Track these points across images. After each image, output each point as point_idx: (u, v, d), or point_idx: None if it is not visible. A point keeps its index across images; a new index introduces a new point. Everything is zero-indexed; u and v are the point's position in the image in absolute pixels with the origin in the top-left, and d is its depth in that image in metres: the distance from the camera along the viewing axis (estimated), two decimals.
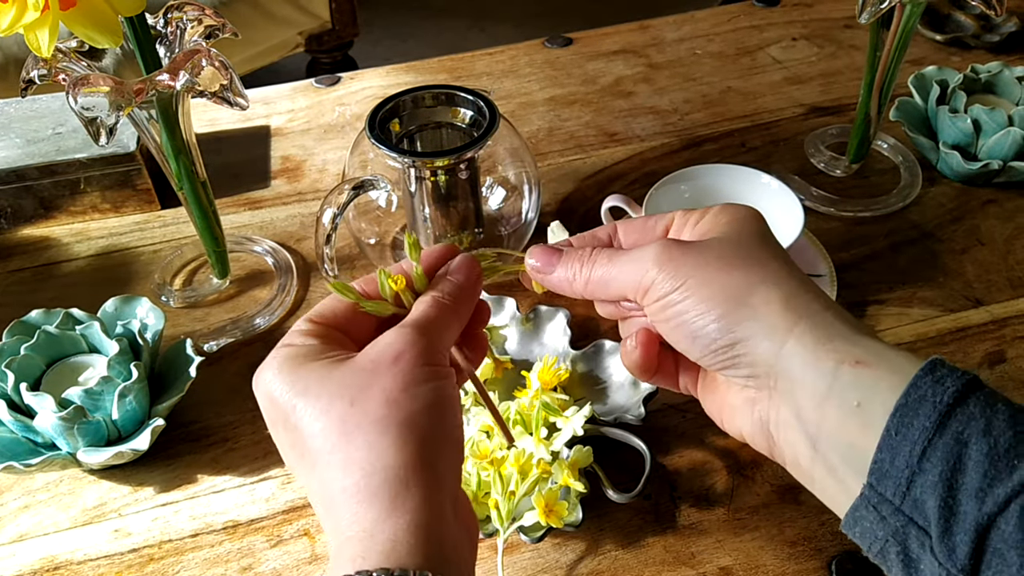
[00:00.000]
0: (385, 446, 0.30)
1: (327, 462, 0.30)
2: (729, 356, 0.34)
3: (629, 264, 0.36)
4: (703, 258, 0.35)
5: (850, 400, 0.31)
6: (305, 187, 0.76)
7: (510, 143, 0.64)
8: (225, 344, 0.62)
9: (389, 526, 0.29)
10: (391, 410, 0.30)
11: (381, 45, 2.33)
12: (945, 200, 0.72)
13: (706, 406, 0.39)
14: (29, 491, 0.54)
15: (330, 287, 0.35)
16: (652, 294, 0.35)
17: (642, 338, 0.39)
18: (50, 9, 0.43)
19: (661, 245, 0.36)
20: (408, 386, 0.31)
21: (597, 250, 0.38)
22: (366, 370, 0.31)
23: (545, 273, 0.39)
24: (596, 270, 0.37)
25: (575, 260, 0.38)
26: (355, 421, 0.30)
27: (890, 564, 0.31)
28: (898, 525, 0.30)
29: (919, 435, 0.29)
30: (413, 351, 0.32)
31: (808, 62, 0.89)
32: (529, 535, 0.47)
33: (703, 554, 0.49)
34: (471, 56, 0.92)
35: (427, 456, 0.30)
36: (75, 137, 0.71)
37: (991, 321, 0.62)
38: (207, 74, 0.49)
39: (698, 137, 0.80)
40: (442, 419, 0.31)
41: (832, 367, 0.32)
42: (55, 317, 0.56)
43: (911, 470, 0.29)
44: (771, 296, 0.33)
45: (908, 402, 0.30)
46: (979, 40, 0.89)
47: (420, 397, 0.31)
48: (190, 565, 0.50)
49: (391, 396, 0.30)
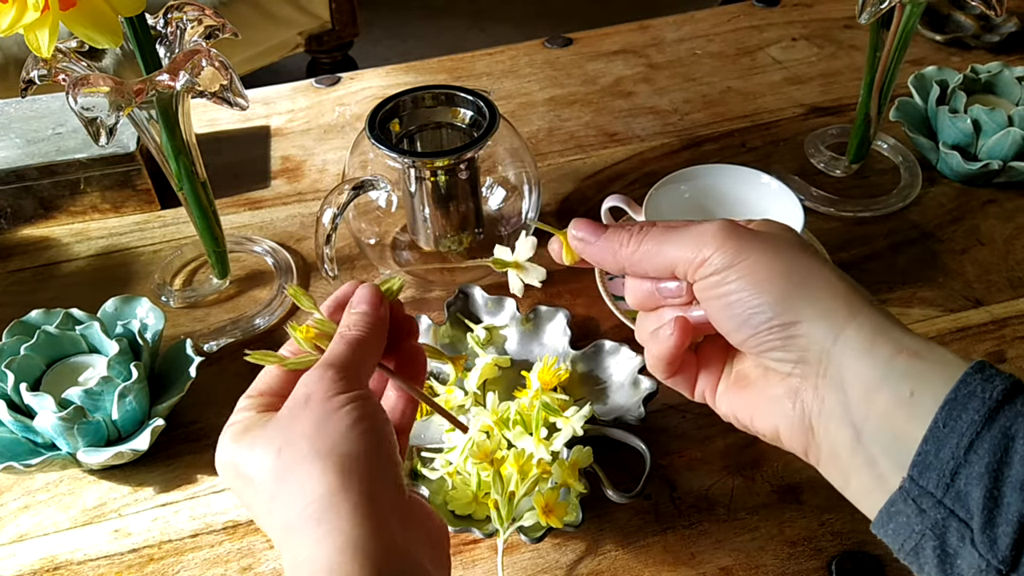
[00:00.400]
0: (313, 479, 0.32)
1: (271, 507, 0.33)
2: (782, 337, 0.34)
3: (686, 236, 0.36)
4: (763, 240, 0.35)
5: (903, 390, 0.31)
6: (305, 187, 0.76)
7: (510, 143, 0.64)
8: (225, 344, 0.62)
9: (323, 551, 0.31)
10: (311, 444, 0.33)
11: (381, 45, 2.34)
12: (945, 200, 0.72)
13: (730, 408, 0.38)
14: (29, 491, 0.54)
15: (250, 359, 0.38)
16: (707, 268, 0.35)
17: (680, 324, 0.37)
18: (50, 9, 0.43)
19: (721, 222, 0.35)
20: (321, 421, 0.33)
21: (648, 224, 0.37)
22: (284, 418, 0.34)
23: (588, 242, 0.38)
24: (647, 241, 0.37)
25: (623, 231, 0.38)
26: (284, 466, 0.33)
27: (924, 561, 0.31)
28: (938, 518, 0.30)
29: (967, 428, 0.30)
30: (320, 387, 0.34)
31: (808, 62, 0.89)
32: (529, 535, 0.47)
33: (703, 554, 0.49)
34: (471, 56, 0.92)
35: (354, 477, 0.32)
36: (75, 137, 0.71)
37: (991, 321, 0.62)
38: (207, 74, 0.49)
39: (698, 137, 0.80)
40: (364, 437, 0.33)
41: (888, 356, 0.32)
42: (55, 317, 0.56)
43: (956, 462, 0.30)
44: (834, 283, 0.34)
45: (957, 396, 0.30)
46: (979, 40, 0.89)
47: (335, 425, 0.33)
48: (190, 565, 0.50)
49: (308, 433, 0.33)
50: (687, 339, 0.38)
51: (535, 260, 0.43)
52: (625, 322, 0.61)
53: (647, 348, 0.39)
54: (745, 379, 0.38)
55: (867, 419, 0.32)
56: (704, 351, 0.40)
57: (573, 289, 0.65)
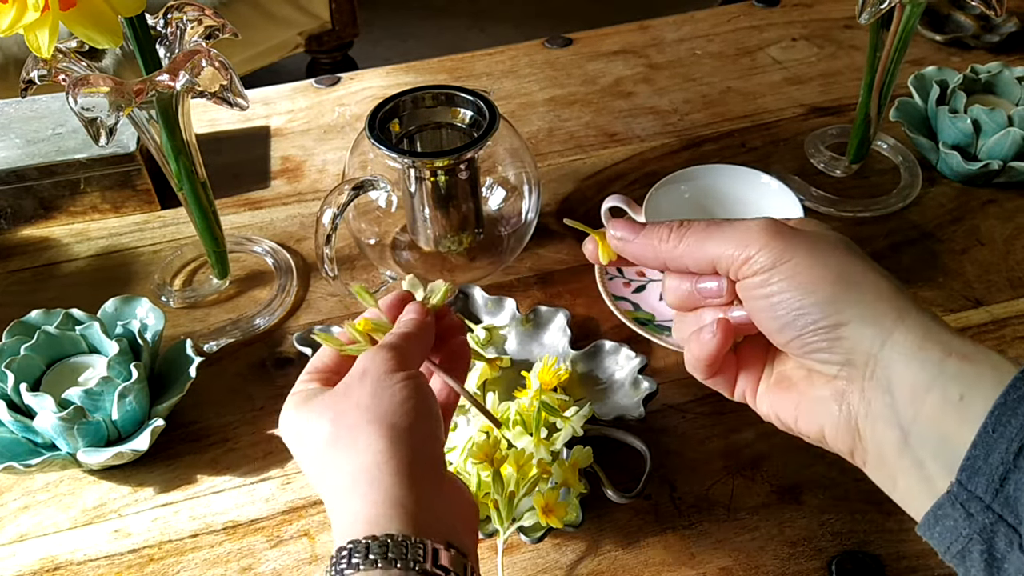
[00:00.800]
0: (364, 444, 0.36)
1: (324, 469, 0.37)
2: (829, 338, 0.33)
3: (730, 232, 0.35)
4: (808, 240, 0.35)
5: (953, 393, 0.31)
6: (305, 187, 0.76)
7: (510, 143, 0.64)
8: (225, 344, 0.62)
9: (369, 506, 0.34)
10: (365, 413, 0.36)
11: (381, 45, 2.33)
12: (945, 200, 0.72)
13: (772, 408, 0.38)
14: (29, 491, 0.54)
15: (316, 337, 0.43)
16: (752, 266, 0.34)
17: (722, 326, 0.37)
18: (50, 9, 0.43)
19: (766, 220, 0.35)
20: (375, 392, 0.37)
21: (690, 220, 0.37)
22: (341, 390, 0.38)
23: (628, 240, 0.38)
24: (689, 236, 0.36)
25: (662, 227, 0.37)
26: (338, 431, 0.37)
27: (971, 564, 0.31)
28: (986, 522, 0.30)
29: (1017, 433, 0.30)
30: (376, 364, 0.38)
31: (808, 62, 0.89)
32: (529, 535, 0.47)
33: (703, 554, 0.49)
34: (471, 56, 0.92)
35: (400, 446, 0.36)
36: (75, 137, 0.71)
37: (991, 321, 0.62)
38: (207, 74, 0.49)
39: (698, 137, 0.80)
40: (413, 413, 0.37)
41: (938, 359, 0.32)
42: (55, 317, 0.56)
43: (1006, 467, 0.30)
44: (880, 286, 0.33)
45: (1007, 401, 0.30)
46: (979, 40, 0.89)
47: (388, 398, 0.37)
48: (190, 565, 0.50)
49: (363, 403, 0.37)
50: (729, 341, 0.38)
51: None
52: (625, 322, 0.61)
53: (687, 349, 0.39)
54: (787, 380, 0.37)
55: (915, 421, 0.32)
56: (744, 351, 0.39)
57: (573, 289, 0.65)
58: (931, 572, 0.48)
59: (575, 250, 0.68)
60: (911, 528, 0.49)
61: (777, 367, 0.38)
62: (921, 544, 0.49)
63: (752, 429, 0.55)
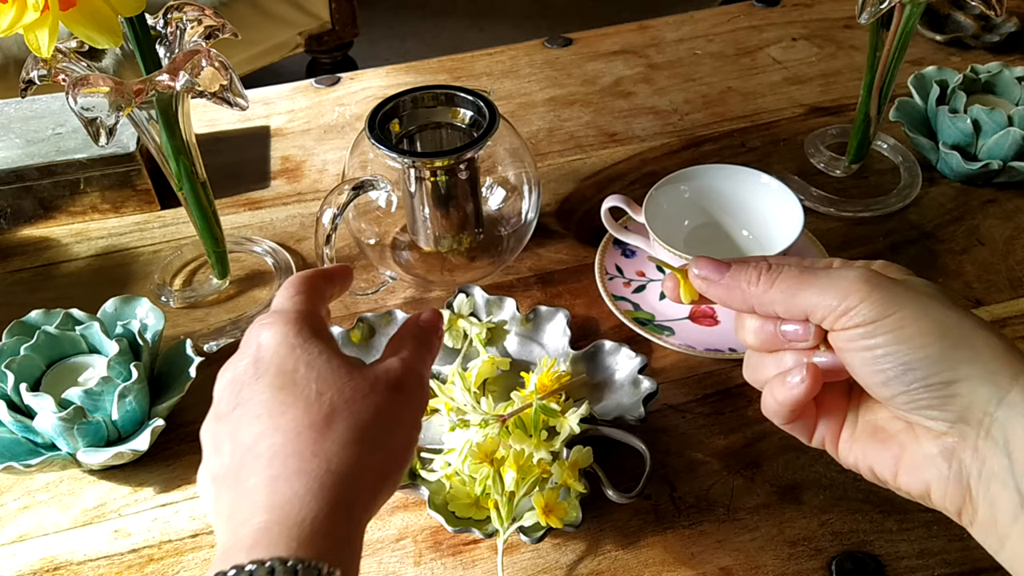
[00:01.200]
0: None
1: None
2: (940, 395, 0.32)
3: (827, 283, 0.34)
4: (912, 293, 0.33)
5: None
6: (305, 187, 0.76)
7: (510, 143, 0.64)
8: (225, 344, 0.62)
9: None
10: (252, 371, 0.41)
11: (381, 45, 2.34)
12: (945, 200, 0.72)
13: (865, 460, 0.37)
14: (29, 491, 0.54)
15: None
16: (852, 318, 0.33)
17: (812, 372, 0.36)
18: (50, 9, 0.43)
19: (864, 271, 0.34)
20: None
21: (778, 262, 0.36)
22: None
23: (712, 280, 0.37)
24: (781, 281, 0.35)
25: (750, 268, 0.36)
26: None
27: None
28: None
29: None
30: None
31: (808, 62, 0.89)
32: (529, 535, 0.47)
33: (703, 554, 0.49)
34: (471, 56, 0.92)
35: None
36: (75, 137, 0.71)
37: (991, 321, 0.62)
38: (207, 74, 0.49)
39: (698, 137, 0.80)
40: (281, 354, 0.40)
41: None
42: (55, 317, 0.56)
43: None
44: (992, 342, 0.32)
45: None
46: (979, 40, 0.89)
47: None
48: (190, 565, 0.50)
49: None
50: (818, 387, 0.36)
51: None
52: (625, 322, 0.61)
53: (769, 392, 0.37)
54: (882, 432, 0.36)
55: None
56: (824, 397, 0.38)
57: (573, 289, 0.65)
58: (931, 572, 0.48)
59: (575, 250, 0.68)
60: (911, 528, 0.49)
61: (864, 415, 0.37)
62: (921, 544, 0.49)
63: (752, 429, 0.55)
